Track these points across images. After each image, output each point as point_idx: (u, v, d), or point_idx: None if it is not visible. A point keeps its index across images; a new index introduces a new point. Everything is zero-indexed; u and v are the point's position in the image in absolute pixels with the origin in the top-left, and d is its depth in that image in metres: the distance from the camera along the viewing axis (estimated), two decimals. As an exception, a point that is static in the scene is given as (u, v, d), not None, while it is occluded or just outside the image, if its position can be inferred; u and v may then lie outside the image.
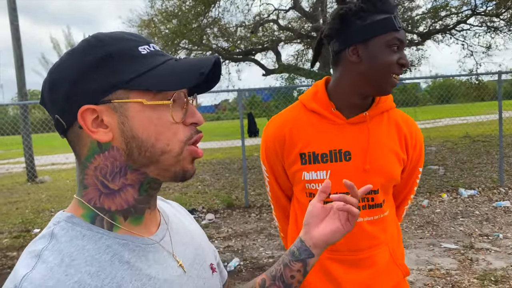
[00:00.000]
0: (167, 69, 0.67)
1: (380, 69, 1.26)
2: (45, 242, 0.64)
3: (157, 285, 0.68)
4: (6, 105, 10.17)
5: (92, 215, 0.69)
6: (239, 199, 7.43)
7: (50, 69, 0.70)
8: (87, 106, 0.65)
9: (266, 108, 11.36)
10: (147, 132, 0.67)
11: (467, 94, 13.00)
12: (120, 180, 0.69)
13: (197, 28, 11.60)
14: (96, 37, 0.68)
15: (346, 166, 1.32)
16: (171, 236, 0.78)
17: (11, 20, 11.94)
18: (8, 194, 9.86)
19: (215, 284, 0.83)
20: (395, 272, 1.39)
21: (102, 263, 0.64)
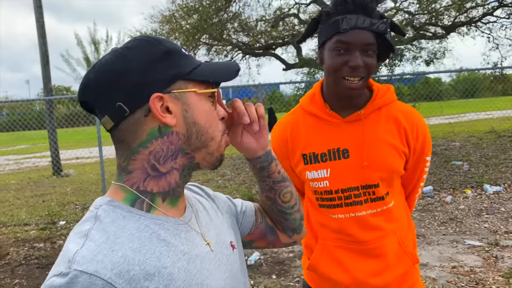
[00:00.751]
0: (210, 66, 0.80)
1: (329, 72, 1.31)
2: (90, 223, 0.72)
3: (191, 260, 0.76)
4: (33, 100, 10.43)
5: (132, 198, 0.77)
6: (259, 194, 7.44)
7: (101, 64, 0.76)
8: (157, 94, 0.74)
9: (287, 103, 11.33)
10: (204, 119, 0.79)
11: (492, 88, 12.68)
12: (170, 163, 0.78)
13: (218, 23, 11.62)
14: (149, 37, 0.78)
15: (345, 163, 1.37)
16: (197, 217, 0.87)
17: (37, 17, 12.21)
18: (34, 187, 10.15)
19: (235, 260, 0.91)
20: (404, 260, 1.43)
21: (142, 240, 0.72)
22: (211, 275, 0.80)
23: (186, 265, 0.75)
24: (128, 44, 0.78)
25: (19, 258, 5.09)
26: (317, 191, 1.42)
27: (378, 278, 1.40)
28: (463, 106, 16.94)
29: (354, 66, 1.25)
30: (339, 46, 1.26)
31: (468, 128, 14.71)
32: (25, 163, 15.42)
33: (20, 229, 6.40)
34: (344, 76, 1.27)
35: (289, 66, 13.50)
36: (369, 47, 1.26)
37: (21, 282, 4.38)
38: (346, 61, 1.26)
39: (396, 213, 1.43)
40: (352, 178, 1.37)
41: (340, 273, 1.42)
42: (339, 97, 1.36)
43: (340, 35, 1.25)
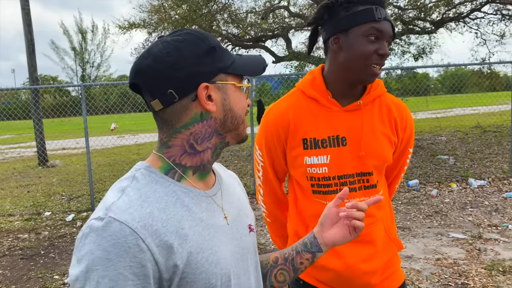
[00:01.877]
0: (243, 60, 0.92)
1: (356, 58, 1.33)
2: (128, 182, 0.85)
3: (206, 227, 0.87)
4: (18, 89, 10.26)
5: (167, 168, 0.89)
6: (247, 186, 7.46)
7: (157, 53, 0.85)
8: (205, 84, 0.86)
9: (276, 96, 11.31)
10: (238, 106, 0.91)
11: (479, 83, 12.83)
12: (206, 143, 0.90)
13: (207, 14, 11.53)
14: (197, 32, 0.89)
15: (343, 151, 1.41)
16: (222, 194, 0.97)
17: (22, 5, 11.97)
18: (19, 177, 10.01)
19: (251, 241, 1.00)
20: (390, 246, 1.51)
21: (168, 203, 0.84)
22: (222, 245, 0.89)
23: (201, 230, 0.85)
24: (179, 36, 0.87)
25: (2, 249, 5.02)
26: (313, 177, 1.43)
27: (368, 264, 1.45)
28: (450, 101, 17.14)
29: (384, 54, 1.32)
30: (373, 33, 1.30)
31: (454, 123, 14.89)
32: (10, 154, 15.19)
33: (4, 219, 6.32)
34: (373, 63, 1.32)
35: (278, 59, 13.48)
36: (391, 40, 1.35)
37: (5, 273, 4.33)
38: (376, 49, 1.31)
39: (384, 201, 1.50)
40: (349, 165, 1.41)
41: (333, 260, 1.45)
42: (353, 84, 1.40)
43: (376, 23, 1.30)
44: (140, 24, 12.58)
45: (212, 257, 0.85)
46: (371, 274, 1.46)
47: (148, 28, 12.66)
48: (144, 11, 12.57)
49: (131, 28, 12.70)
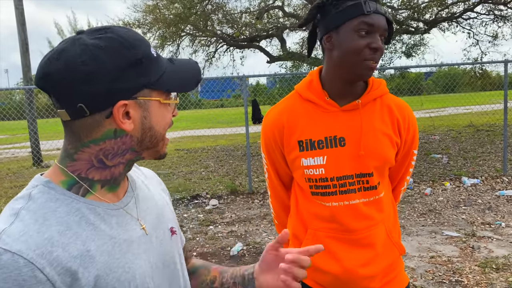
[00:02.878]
0: (174, 73, 0.82)
1: (348, 54, 1.30)
2: (23, 202, 0.75)
3: (117, 244, 0.79)
4: (12, 89, 10.20)
5: (71, 183, 0.79)
6: (242, 185, 7.48)
7: (70, 58, 0.73)
8: (123, 102, 0.76)
9: (270, 95, 11.34)
10: (160, 124, 0.83)
11: (472, 83, 12.93)
12: (118, 159, 0.81)
13: (202, 13, 11.53)
14: (122, 38, 0.76)
15: (342, 151, 1.38)
16: (137, 202, 0.89)
17: (16, 4, 11.90)
18: (14, 178, 9.96)
19: (173, 244, 0.95)
20: (391, 250, 1.46)
21: (70, 223, 0.75)
22: (137, 259, 0.82)
23: (110, 249, 0.78)
24: (100, 41, 0.75)
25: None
26: (311, 179, 1.41)
27: (367, 268, 1.41)
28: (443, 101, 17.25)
29: (376, 48, 1.27)
30: (363, 27, 1.27)
31: (447, 122, 14.99)
32: (4, 154, 15.09)
33: (-1, 220, 6.29)
34: (365, 58, 1.28)
35: (273, 59, 13.50)
36: (385, 33, 1.30)
37: None
38: (368, 43, 1.27)
39: (385, 203, 1.46)
40: (347, 166, 1.38)
41: (331, 263, 1.42)
42: (349, 81, 1.37)
43: (365, 17, 1.27)
44: (134, 24, 12.55)
45: (124, 275, 0.78)
46: (371, 279, 1.43)
47: (143, 28, 12.63)
48: (139, 11, 12.55)
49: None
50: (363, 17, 1.27)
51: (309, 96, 1.43)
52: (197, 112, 26.25)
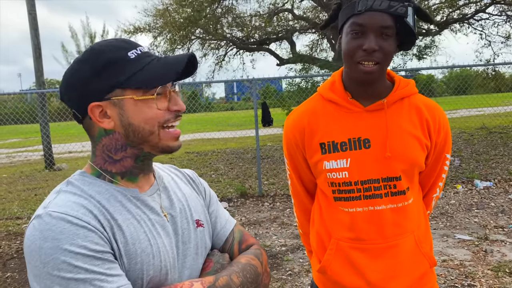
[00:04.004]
0: (151, 69, 0.88)
1: (344, 57, 1.27)
2: (63, 185, 0.90)
3: (142, 221, 0.90)
4: (24, 93, 10.34)
5: (98, 174, 0.93)
6: (252, 188, 7.48)
7: (64, 73, 0.91)
8: (94, 103, 0.87)
9: (280, 98, 11.33)
10: (139, 119, 0.88)
11: (484, 85, 12.79)
12: (121, 153, 0.92)
13: (212, 17, 11.59)
14: (95, 48, 0.89)
15: (366, 154, 1.30)
16: (161, 194, 0.99)
17: (29, 10, 12.08)
18: (27, 181, 10.09)
19: (197, 236, 1.02)
20: (421, 261, 1.35)
21: (101, 199, 0.88)
22: (160, 239, 0.92)
23: (136, 224, 0.89)
24: (81, 55, 0.90)
25: (11, 252, 5.07)
26: (334, 183, 1.33)
27: (393, 282, 1.32)
28: (455, 103, 17.08)
29: (368, 49, 1.20)
30: (354, 29, 1.21)
31: (459, 124, 14.84)
32: (17, 157, 15.30)
33: (12, 222, 6.38)
34: (359, 61, 1.22)
35: (283, 61, 13.51)
36: (385, 30, 1.20)
37: (13, 275, 4.38)
38: (360, 44, 1.21)
39: (415, 211, 1.37)
40: (373, 169, 1.30)
41: (353, 278, 1.34)
42: (356, 83, 1.32)
43: (355, 17, 1.21)
44: (145, 28, 12.66)
45: (150, 248, 0.88)
46: None
47: (153, 32, 12.74)
48: (149, 15, 12.66)
49: (137, 32, 12.79)
50: (355, 17, 1.21)
51: (331, 97, 1.36)
52: (207, 115, 26.33)
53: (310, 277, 3.77)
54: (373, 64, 1.22)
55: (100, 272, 0.78)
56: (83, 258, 0.77)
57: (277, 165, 9.80)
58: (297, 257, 4.28)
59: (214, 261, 1.02)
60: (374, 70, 1.23)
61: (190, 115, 27.29)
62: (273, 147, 13.19)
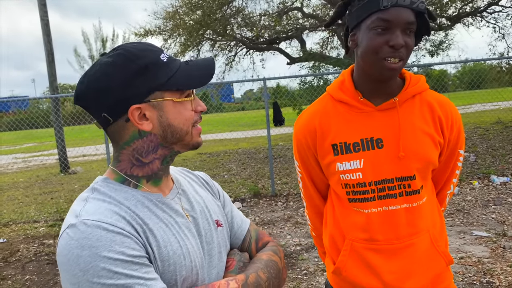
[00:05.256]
0: (187, 72, 0.91)
1: (367, 54, 1.22)
2: (89, 192, 0.91)
3: (170, 224, 0.93)
4: (39, 98, 10.49)
5: (122, 179, 0.94)
6: (265, 188, 7.47)
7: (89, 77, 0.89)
8: (135, 106, 0.88)
9: (291, 97, 11.31)
10: (178, 120, 0.92)
11: (499, 78, 12.59)
12: (152, 155, 0.94)
13: (221, 18, 11.61)
14: (128, 51, 0.89)
15: (380, 154, 1.28)
16: (181, 197, 1.02)
17: (41, 15, 12.26)
18: (43, 184, 10.23)
19: (219, 235, 1.05)
20: (437, 260, 1.33)
21: (129, 204, 0.89)
22: (188, 240, 0.94)
23: (164, 227, 0.91)
24: (109, 58, 0.89)
25: (29, 255, 5.15)
26: (348, 184, 1.32)
27: (409, 282, 1.30)
28: (469, 97, 16.85)
29: (396, 45, 1.17)
30: (379, 24, 1.18)
31: (474, 119, 14.62)
32: (33, 161, 15.54)
33: (30, 226, 6.47)
34: (385, 57, 1.19)
35: (293, 60, 13.47)
36: (410, 26, 1.19)
37: (32, 278, 4.44)
38: (386, 40, 1.18)
39: (429, 209, 1.35)
40: (387, 169, 1.28)
41: (368, 278, 1.32)
42: (374, 80, 1.29)
43: (381, 12, 1.17)
44: (155, 31, 12.75)
45: (180, 250, 0.91)
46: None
47: (164, 35, 12.82)
48: (159, 18, 12.74)
49: (147, 35, 12.88)
50: (380, 13, 1.17)
51: (342, 97, 1.34)
52: (218, 116, 26.37)
53: (325, 276, 3.76)
54: (398, 60, 1.20)
55: (139, 276, 0.80)
56: (122, 264, 0.79)
57: (290, 165, 9.78)
58: (312, 256, 4.27)
59: (236, 260, 1.06)
60: (399, 67, 1.22)
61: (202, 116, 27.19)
62: (285, 147, 13.16)
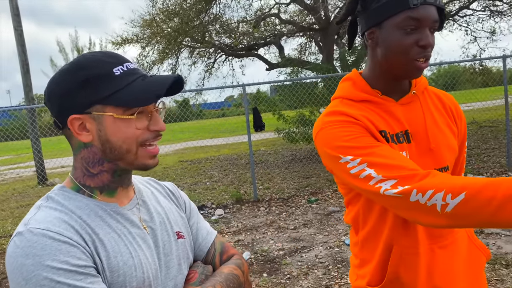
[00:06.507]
0: (133, 89, 0.88)
1: (395, 54, 1.15)
2: (43, 201, 0.90)
3: (122, 234, 0.91)
4: (14, 109, 10.27)
5: (77, 188, 0.93)
6: (247, 193, 7.47)
7: (49, 81, 0.92)
8: (74, 116, 0.88)
9: (271, 103, 11.37)
10: (117, 137, 0.89)
11: (472, 80, 12.92)
12: (98, 167, 0.92)
13: (199, 25, 11.62)
14: (81, 60, 0.89)
15: (413, 147, 1.20)
16: (140, 208, 1.00)
17: (15, 26, 12.03)
18: (19, 197, 9.99)
19: (179, 247, 1.03)
20: (479, 257, 1.26)
21: (82, 212, 0.88)
22: (142, 251, 0.92)
23: (117, 237, 0.90)
24: (67, 65, 0.91)
25: (5, 271, 5.02)
26: None
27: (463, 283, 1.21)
28: (445, 99, 17.22)
29: (427, 45, 1.12)
30: (409, 23, 1.11)
31: (450, 120, 14.92)
32: (9, 174, 15.16)
33: (6, 240, 6.31)
34: (416, 58, 1.13)
35: (272, 66, 13.56)
36: (436, 25, 1.14)
37: (10, 293, 4.33)
38: (416, 40, 1.12)
39: None
40: (424, 162, 1.19)
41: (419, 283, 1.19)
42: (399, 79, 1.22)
43: (411, 11, 1.10)
44: (133, 39, 12.66)
45: (131, 261, 0.89)
46: None
47: (141, 43, 12.74)
48: (136, 25, 12.66)
49: (125, 43, 12.78)
50: (409, 11, 1.10)
51: (363, 96, 1.24)
52: (199, 123, 26.26)
53: (308, 280, 3.78)
54: (425, 60, 1.16)
55: (82, 286, 0.79)
56: (65, 274, 0.78)
57: (271, 170, 9.81)
58: (295, 260, 4.28)
59: (198, 272, 1.04)
60: (426, 66, 1.17)
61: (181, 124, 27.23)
62: (266, 152, 13.20)
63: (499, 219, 0.89)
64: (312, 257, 4.33)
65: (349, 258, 4.17)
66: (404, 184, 1.00)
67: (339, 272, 3.91)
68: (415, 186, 0.98)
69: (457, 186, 0.93)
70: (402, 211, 1.03)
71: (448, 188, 0.94)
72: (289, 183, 8.08)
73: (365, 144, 1.11)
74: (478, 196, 0.90)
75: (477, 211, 0.91)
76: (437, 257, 1.20)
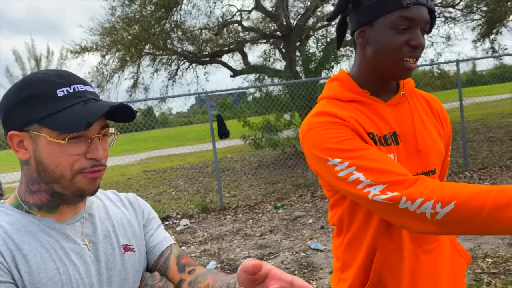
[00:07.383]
0: (68, 113, 0.85)
1: (385, 53, 1.15)
2: None
3: (52, 250, 0.89)
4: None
5: (17, 204, 0.93)
6: (213, 202, 7.38)
7: None
8: (13, 132, 0.88)
9: (236, 110, 11.35)
10: (50, 161, 0.87)
11: (432, 83, 13.38)
12: (37, 186, 0.91)
13: (160, 32, 11.47)
14: (27, 78, 0.89)
15: (400, 149, 1.19)
16: (85, 222, 0.97)
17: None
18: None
19: (125, 261, 0.99)
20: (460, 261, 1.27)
21: (12, 227, 0.88)
22: (74, 267, 0.90)
23: (44, 252, 0.87)
24: (16, 82, 0.91)
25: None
26: None
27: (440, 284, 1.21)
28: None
29: (418, 45, 1.12)
30: (402, 23, 1.11)
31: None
32: (-38, 191, 14.38)
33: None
34: (405, 58, 1.13)
35: (236, 73, 13.56)
36: (427, 26, 1.14)
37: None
38: (407, 40, 1.12)
39: None
40: (411, 164, 1.18)
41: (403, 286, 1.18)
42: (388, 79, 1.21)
43: (404, 10, 1.10)
44: (92, 47, 12.35)
45: (58, 277, 0.87)
46: None
47: (101, 51, 12.45)
48: (96, 34, 12.36)
49: (84, 52, 12.45)
50: (402, 11, 1.10)
51: (352, 96, 1.22)
52: (164, 131, 25.89)
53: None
54: (415, 60, 1.16)
55: None
56: None
57: (238, 177, 9.76)
58: (261, 268, 4.24)
59: (143, 285, 1.01)
60: (415, 67, 1.17)
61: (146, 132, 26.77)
62: (233, 159, 13.14)
63: (489, 227, 0.89)
64: (278, 263, 4.30)
65: (314, 262, 4.18)
66: (393, 190, 0.99)
67: (304, 277, 3.90)
68: (404, 193, 0.97)
69: (447, 195, 0.92)
70: (390, 217, 1.02)
71: (438, 197, 0.93)
72: (255, 190, 8.06)
73: (353, 147, 1.09)
74: (468, 205, 0.90)
75: (467, 220, 0.91)
76: (421, 261, 1.19)
